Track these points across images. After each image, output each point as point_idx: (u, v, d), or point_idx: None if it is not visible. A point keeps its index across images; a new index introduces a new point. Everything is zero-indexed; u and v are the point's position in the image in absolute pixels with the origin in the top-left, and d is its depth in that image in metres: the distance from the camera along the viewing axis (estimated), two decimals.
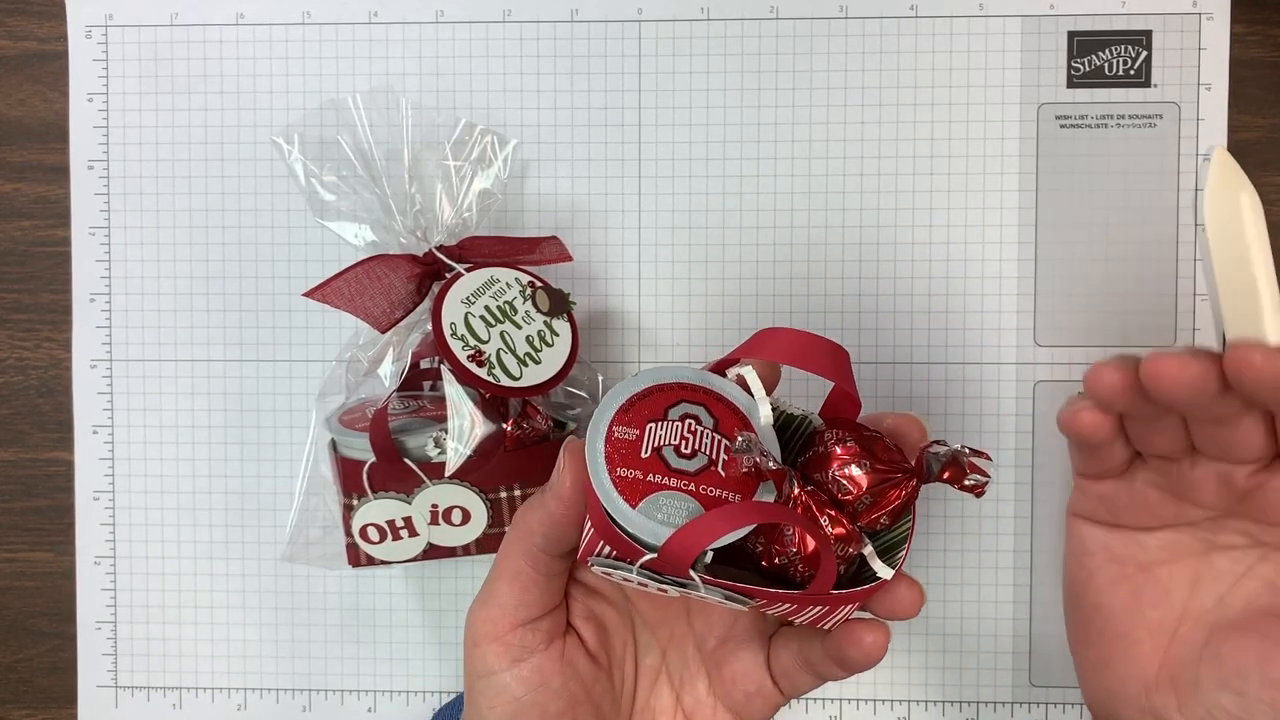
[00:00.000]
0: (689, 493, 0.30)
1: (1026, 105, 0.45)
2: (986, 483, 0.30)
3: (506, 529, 0.40)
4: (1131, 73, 0.44)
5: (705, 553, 0.30)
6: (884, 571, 0.31)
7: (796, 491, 0.30)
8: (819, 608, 0.31)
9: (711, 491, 0.30)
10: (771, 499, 0.30)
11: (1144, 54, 0.44)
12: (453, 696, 0.46)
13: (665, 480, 0.30)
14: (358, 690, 0.47)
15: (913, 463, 0.31)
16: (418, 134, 0.42)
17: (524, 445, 0.40)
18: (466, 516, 0.40)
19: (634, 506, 0.29)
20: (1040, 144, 0.45)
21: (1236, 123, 0.44)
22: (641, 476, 0.29)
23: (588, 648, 0.36)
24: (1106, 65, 0.44)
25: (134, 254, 0.46)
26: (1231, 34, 0.44)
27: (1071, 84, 0.44)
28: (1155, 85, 0.44)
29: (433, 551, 0.41)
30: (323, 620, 0.47)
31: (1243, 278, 0.44)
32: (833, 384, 0.32)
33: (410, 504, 0.40)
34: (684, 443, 0.30)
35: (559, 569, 0.35)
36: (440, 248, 0.41)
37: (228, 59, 0.46)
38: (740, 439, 0.29)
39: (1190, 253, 0.45)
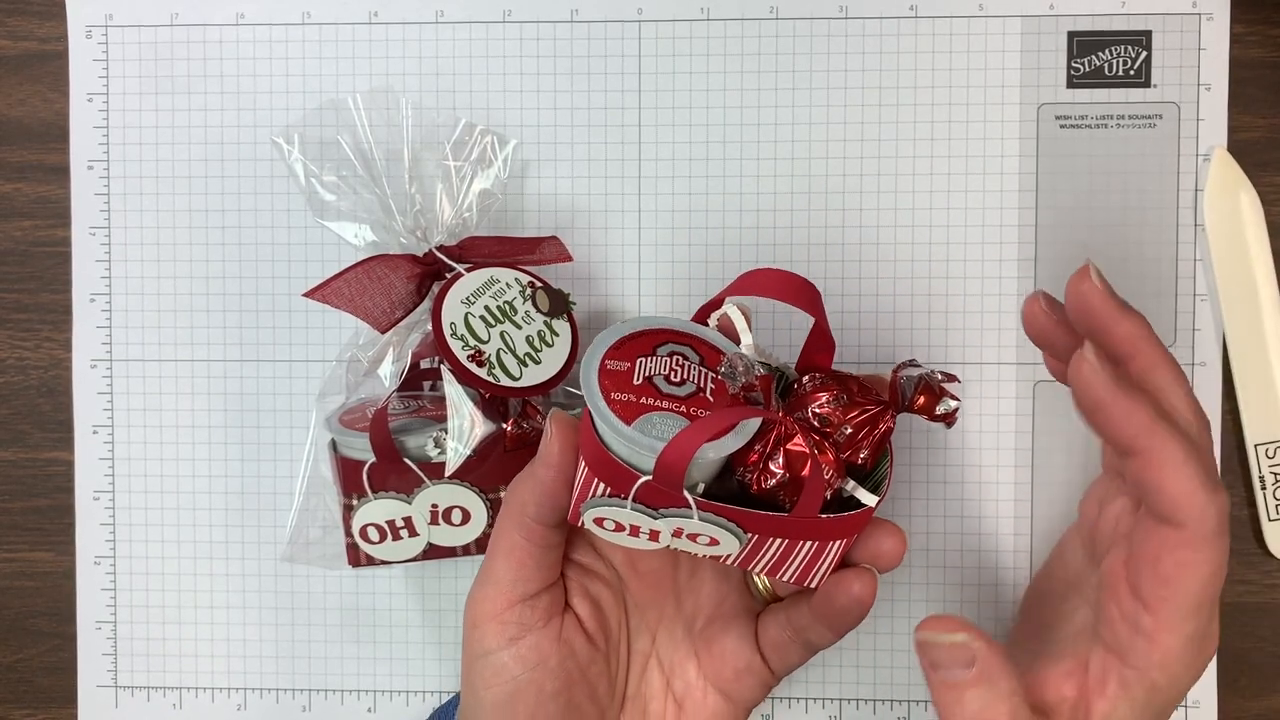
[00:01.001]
0: (680, 413, 0.31)
1: (1026, 105, 0.45)
2: (957, 408, 0.31)
3: None
4: (1131, 73, 0.44)
5: (696, 483, 0.31)
6: (869, 499, 0.32)
7: (781, 414, 0.31)
8: (806, 549, 0.32)
9: (701, 413, 0.31)
10: (756, 426, 0.31)
11: (1144, 54, 0.44)
12: (449, 697, 0.47)
13: (658, 403, 0.31)
14: (358, 690, 0.47)
15: (887, 398, 0.32)
16: (418, 134, 0.42)
17: (524, 445, 0.40)
18: (466, 516, 0.40)
19: (629, 424, 0.30)
20: (1040, 144, 0.45)
21: (1236, 123, 0.44)
22: (634, 399, 0.31)
23: (585, 629, 0.36)
24: (1106, 65, 0.44)
25: (134, 254, 0.46)
26: (1231, 34, 0.44)
27: (1071, 84, 0.44)
28: (1155, 85, 0.44)
29: (433, 551, 0.41)
30: (323, 620, 0.47)
31: (1243, 278, 0.44)
32: (806, 339, 0.34)
33: (410, 504, 0.40)
34: (673, 373, 0.32)
35: (554, 540, 0.35)
36: (440, 248, 0.41)
37: (228, 59, 0.46)
38: (725, 361, 0.31)
39: (1190, 253, 0.45)
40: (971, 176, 0.45)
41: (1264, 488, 0.44)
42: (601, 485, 0.31)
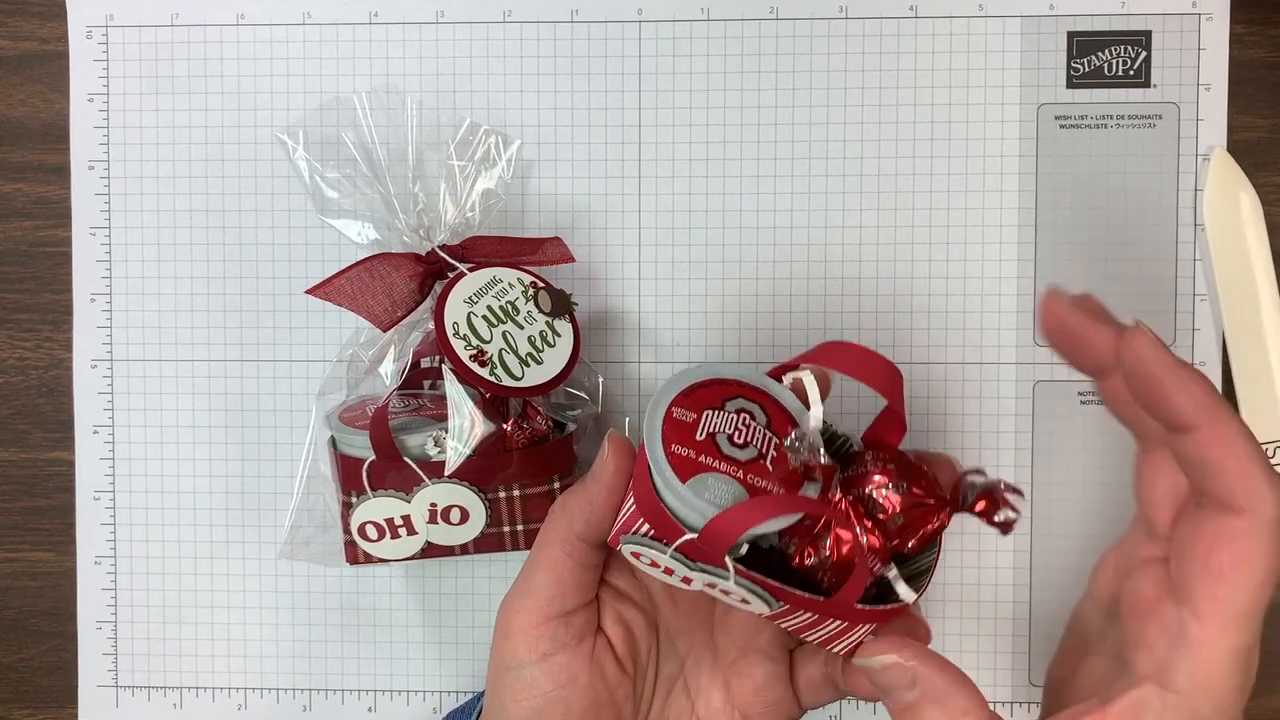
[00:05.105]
0: (737, 479, 0.30)
1: (1026, 105, 0.45)
2: (1016, 520, 0.30)
3: (505, 529, 0.41)
4: (1131, 73, 0.44)
5: (740, 544, 0.31)
6: (907, 595, 0.32)
7: (839, 496, 0.31)
8: (835, 624, 0.32)
9: (758, 482, 0.31)
10: (815, 496, 0.31)
11: (1144, 54, 0.44)
12: (465, 699, 0.47)
13: (716, 464, 0.30)
14: (358, 690, 0.47)
15: (948, 493, 0.31)
16: (422, 133, 0.42)
17: (524, 446, 0.40)
18: (465, 516, 0.40)
19: (684, 482, 0.30)
20: (1040, 144, 0.45)
21: (1236, 123, 0.45)
22: (694, 456, 0.30)
23: (615, 652, 0.36)
24: (1106, 65, 0.44)
25: (134, 254, 0.46)
26: (1231, 34, 0.44)
27: (1071, 84, 0.45)
28: (1155, 85, 0.44)
29: (431, 550, 0.41)
30: (323, 620, 0.47)
31: (1243, 278, 0.44)
32: (878, 412, 0.33)
33: (409, 502, 0.40)
34: (737, 433, 0.31)
35: (595, 559, 0.35)
36: (443, 247, 0.41)
37: (228, 59, 0.46)
38: (794, 434, 0.30)
39: (1190, 253, 0.45)
40: (971, 176, 0.45)
41: None
42: (646, 525, 0.31)
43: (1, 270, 0.47)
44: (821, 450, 0.30)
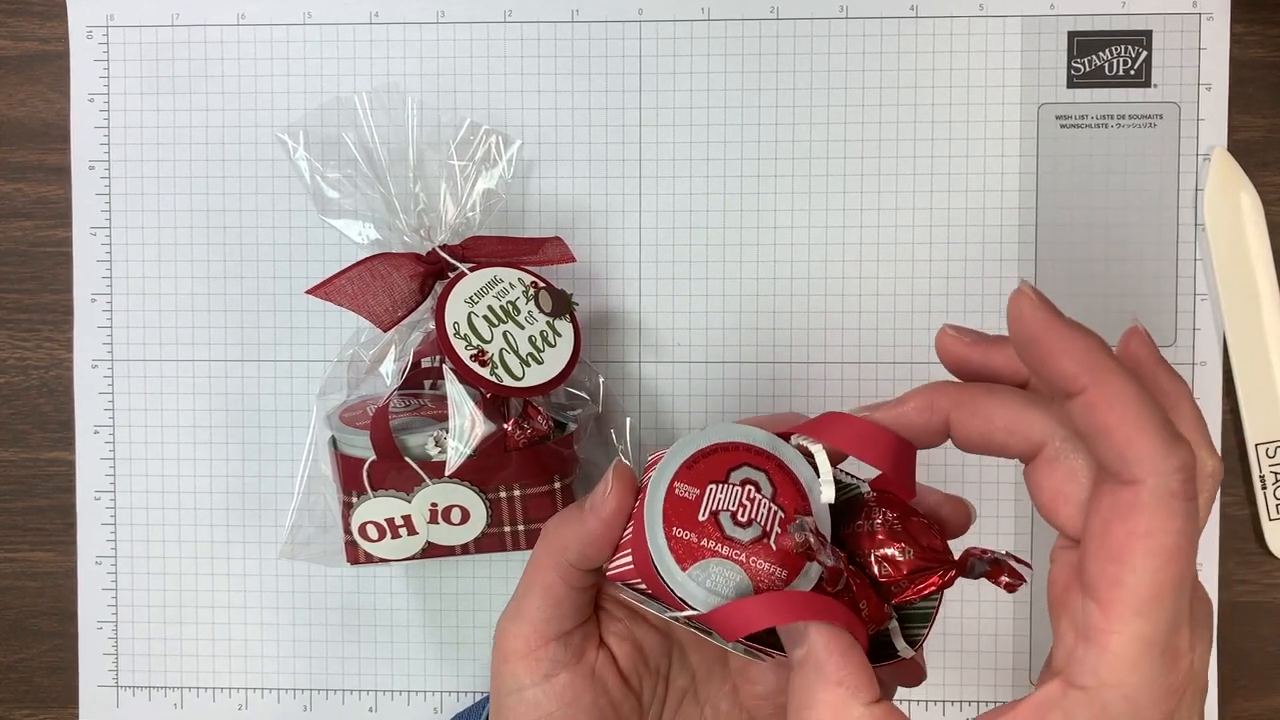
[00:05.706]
0: (739, 563, 0.30)
1: (1026, 105, 0.45)
2: (1021, 584, 0.30)
3: (506, 529, 0.41)
4: (1131, 73, 0.44)
5: None
6: (905, 651, 0.31)
7: (843, 576, 0.30)
8: None
9: (761, 565, 0.30)
10: (816, 576, 0.30)
11: (1144, 54, 0.44)
12: (467, 699, 0.47)
13: (718, 547, 0.30)
14: (359, 690, 0.47)
15: (955, 557, 0.31)
16: (422, 133, 0.42)
17: (524, 446, 0.40)
18: (466, 516, 0.40)
19: (684, 569, 0.29)
20: (1040, 144, 0.45)
21: (1236, 123, 0.45)
22: (696, 540, 0.30)
23: (619, 666, 0.36)
24: (1106, 65, 0.44)
25: (135, 254, 0.46)
26: (1231, 34, 0.44)
27: (1071, 84, 0.45)
28: (1155, 85, 0.44)
29: (431, 550, 0.41)
30: (324, 620, 0.47)
31: (1243, 278, 0.44)
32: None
33: (410, 502, 0.40)
34: (741, 510, 0.31)
35: (590, 582, 0.35)
36: (443, 247, 0.41)
37: (229, 59, 0.46)
38: (797, 521, 0.30)
39: (1190, 253, 0.45)
40: (971, 176, 0.45)
41: (1264, 487, 0.44)
42: (643, 584, 0.31)
43: (1, 270, 0.47)
44: (825, 544, 0.30)
